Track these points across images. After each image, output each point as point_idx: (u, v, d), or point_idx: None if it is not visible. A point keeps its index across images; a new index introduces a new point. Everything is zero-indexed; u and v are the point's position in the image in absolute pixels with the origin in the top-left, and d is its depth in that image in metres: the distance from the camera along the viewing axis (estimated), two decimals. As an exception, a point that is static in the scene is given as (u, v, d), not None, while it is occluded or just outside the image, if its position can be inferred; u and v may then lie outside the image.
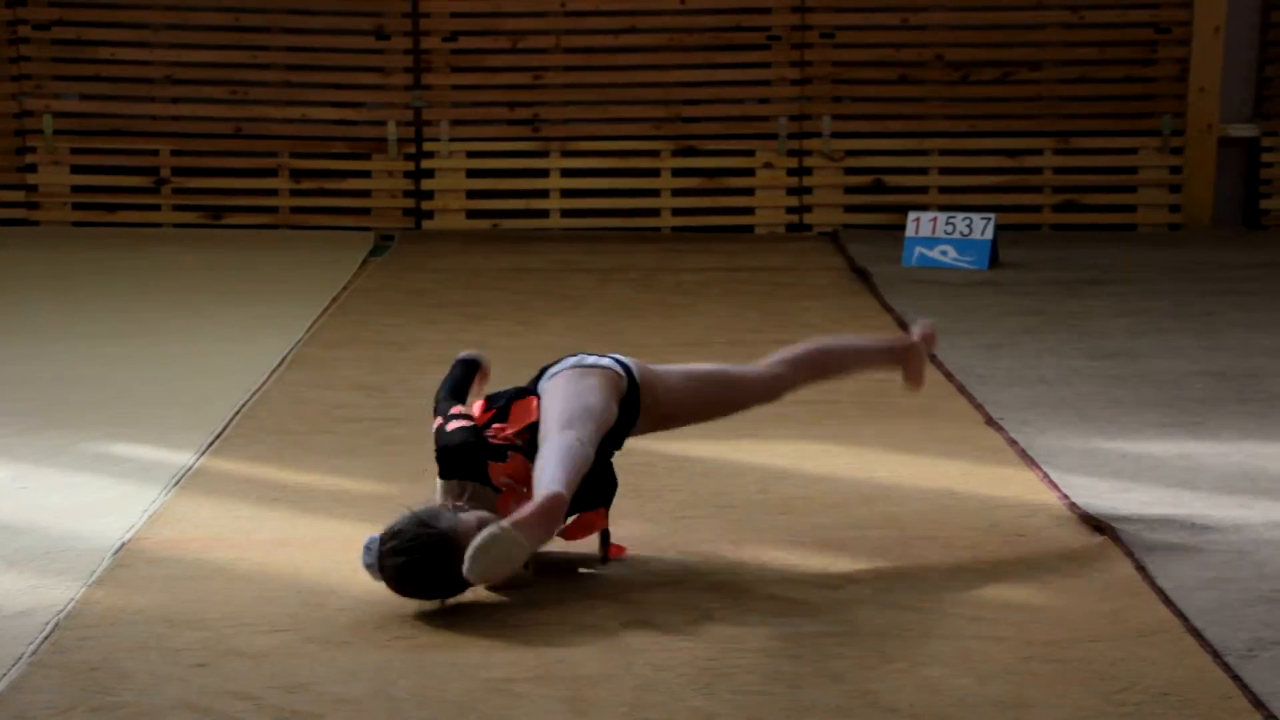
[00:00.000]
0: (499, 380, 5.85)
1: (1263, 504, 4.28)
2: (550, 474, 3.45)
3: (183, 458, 4.67)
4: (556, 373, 3.85)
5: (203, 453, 4.73)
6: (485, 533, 3.33)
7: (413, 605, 3.54)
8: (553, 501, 3.40)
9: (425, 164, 8.96)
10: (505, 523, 3.35)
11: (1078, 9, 8.88)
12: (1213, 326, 6.52)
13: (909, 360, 4.26)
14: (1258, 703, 3.09)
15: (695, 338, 6.38)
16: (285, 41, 8.96)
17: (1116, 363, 5.92)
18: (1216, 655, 3.31)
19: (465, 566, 3.33)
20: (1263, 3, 8.92)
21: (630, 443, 4.86)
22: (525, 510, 3.39)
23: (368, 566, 3.50)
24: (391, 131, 8.95)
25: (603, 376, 3.80)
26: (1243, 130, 8.91)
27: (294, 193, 9.01)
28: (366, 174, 8.98)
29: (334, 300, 7.02)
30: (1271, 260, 7.91)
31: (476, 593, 3.63)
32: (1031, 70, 8.81)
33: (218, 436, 4.90)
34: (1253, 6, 8.92)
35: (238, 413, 5.17)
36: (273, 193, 9.00)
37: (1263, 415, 5.21)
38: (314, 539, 4.02)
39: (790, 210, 8.96)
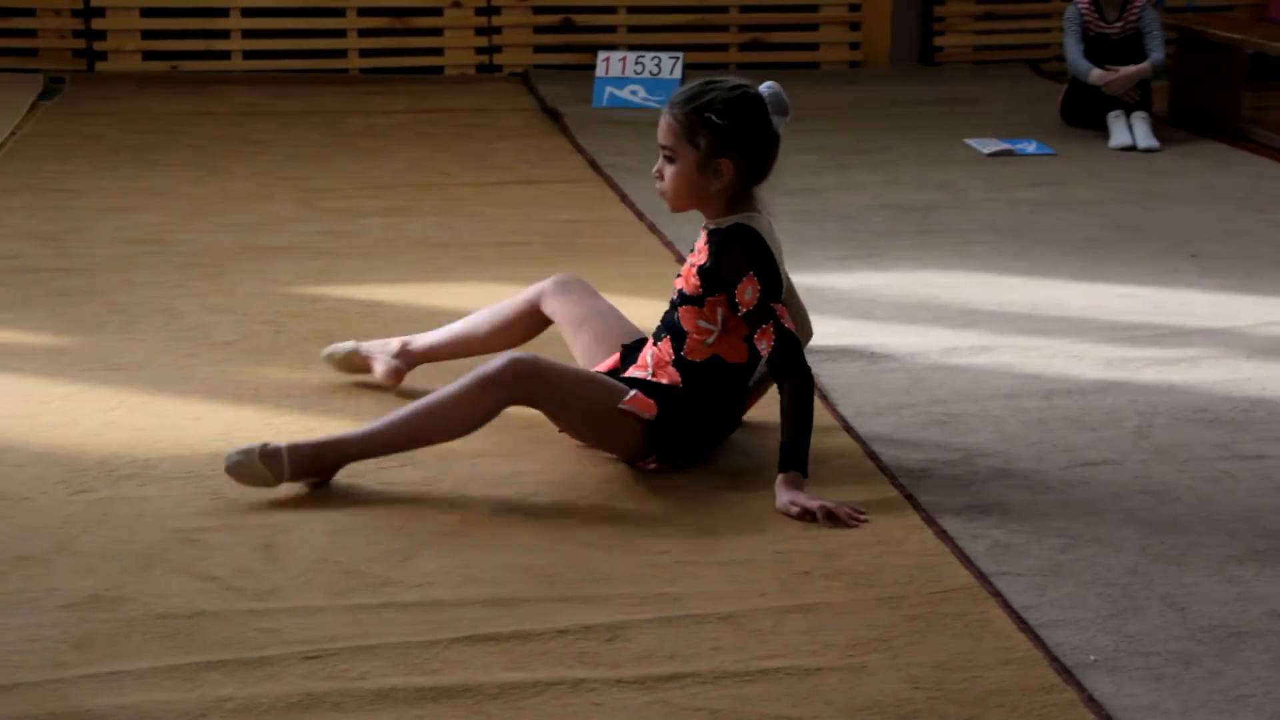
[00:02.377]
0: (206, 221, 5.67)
1: (937, 331, 4.47)
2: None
3: None
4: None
5: None
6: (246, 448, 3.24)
7: (92, 461, 3.45)
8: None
9: (95, 2, 8.53)
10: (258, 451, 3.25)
11: None
12: (891, 161, 6.72)
13: None
14: (930, 519, 3.25)
15: (386, 181, 6.29)
16: None
17: (800, 198, 6.07)
18: (892, 477, 3.46)
19: (234, 455, 3.23)
20: None
21: (320, 289, 4.81)
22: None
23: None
24: (57, -32, 8.48)
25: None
26: (917, -32, 9.13)
27: (-48, 33, 8.49)
28: (31, 12, 8.51)
29: (0, 146, 6.68)
30: (945, 96, 8.17)
31: (167, 448, 3.55)
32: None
33: (-122, 292, 4.65)
34: None
35: (-101, 267, 4.91)
36: (-72, 33, 8.47)
37: (937, 246, 5.42)
38: (-12, 396, 3.86)
39: (480, 51, 8.84)
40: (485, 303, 4.60)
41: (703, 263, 3.42)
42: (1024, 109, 7.80)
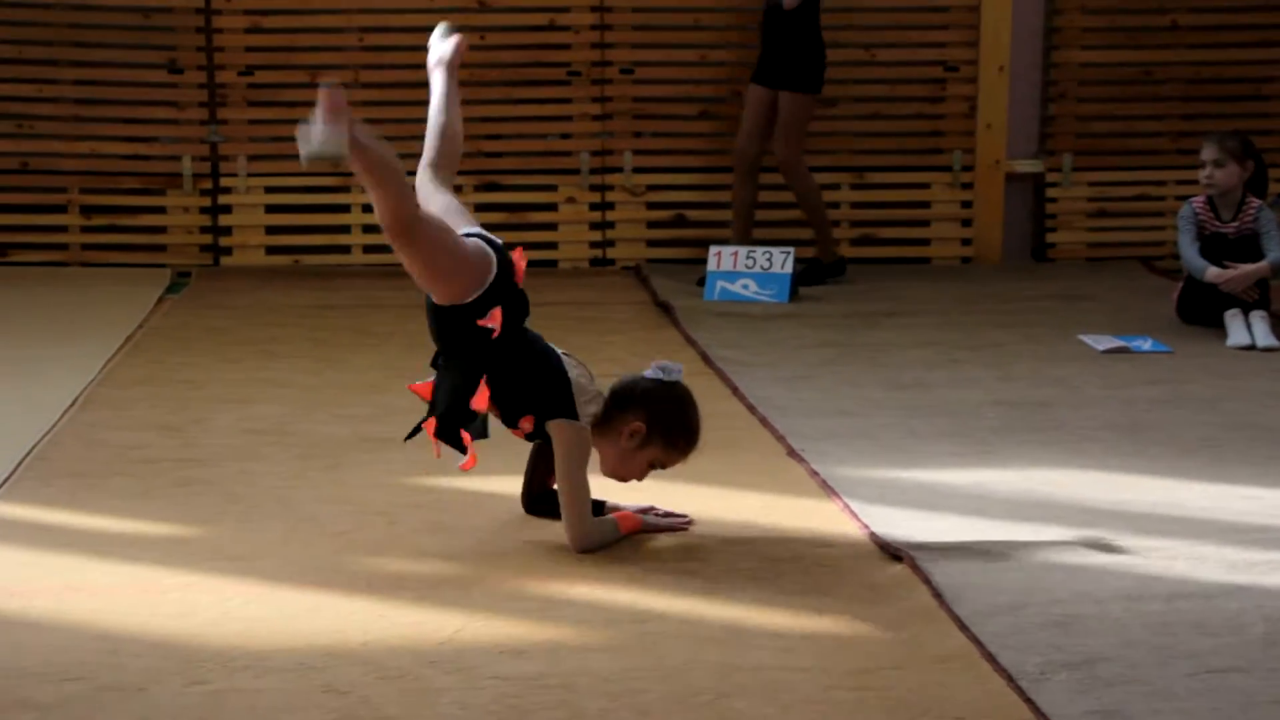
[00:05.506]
0: (302, 424, 5.74)
1: (1052, 530, 4.40)
2: None
3: (-32, 503, 4.51)
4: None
5: (-11, 497, 4.58)
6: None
7: (209, 652, 3.47)
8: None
9: (223, 200, 8.80)
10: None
11: (870, 47, 9.07)
12: (1003, 357, 6.69)
13: None
14: (1050, 724, 3.17)
15: (499, 373, 6.34)
16: (73, 75, 8.74)
17: (912, 393, 6.05)
18: (1010, 679, 3.39)
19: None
20: (1044, 44, 9.22)
21: (433, 480, 4.82)
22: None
23: None
24: (187, 167, 8.77)
25: None
26: (1028, 166, 9.17)
27: (85, 229, 8.77)
28: (161, 210, 8.80)
29: (128, 339, 6.85)
30: (1058, 292, 8.15)
31: (282, 639, 3.57)
32: (827, 107, 8.97)
33: (6, 480, 4.74)
34: (1035, 47, 9.20)
35: (27, 455, 5.01)
36: (63, 229, 8.75)
37: (1051, 443, 5.36)
38: (108, 584, 3.91)
39: (594, 245, 8.99)
40: (596, 495, 4.61)
41: None
42: (1138, 306, 7.76)
